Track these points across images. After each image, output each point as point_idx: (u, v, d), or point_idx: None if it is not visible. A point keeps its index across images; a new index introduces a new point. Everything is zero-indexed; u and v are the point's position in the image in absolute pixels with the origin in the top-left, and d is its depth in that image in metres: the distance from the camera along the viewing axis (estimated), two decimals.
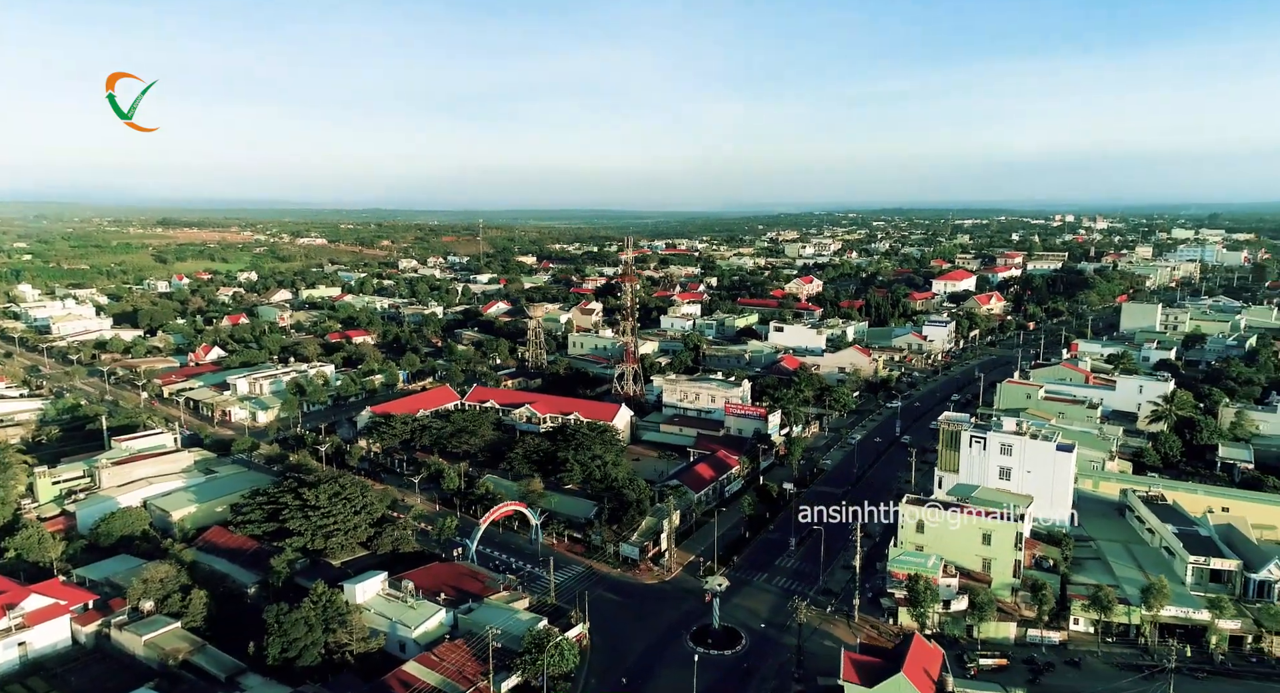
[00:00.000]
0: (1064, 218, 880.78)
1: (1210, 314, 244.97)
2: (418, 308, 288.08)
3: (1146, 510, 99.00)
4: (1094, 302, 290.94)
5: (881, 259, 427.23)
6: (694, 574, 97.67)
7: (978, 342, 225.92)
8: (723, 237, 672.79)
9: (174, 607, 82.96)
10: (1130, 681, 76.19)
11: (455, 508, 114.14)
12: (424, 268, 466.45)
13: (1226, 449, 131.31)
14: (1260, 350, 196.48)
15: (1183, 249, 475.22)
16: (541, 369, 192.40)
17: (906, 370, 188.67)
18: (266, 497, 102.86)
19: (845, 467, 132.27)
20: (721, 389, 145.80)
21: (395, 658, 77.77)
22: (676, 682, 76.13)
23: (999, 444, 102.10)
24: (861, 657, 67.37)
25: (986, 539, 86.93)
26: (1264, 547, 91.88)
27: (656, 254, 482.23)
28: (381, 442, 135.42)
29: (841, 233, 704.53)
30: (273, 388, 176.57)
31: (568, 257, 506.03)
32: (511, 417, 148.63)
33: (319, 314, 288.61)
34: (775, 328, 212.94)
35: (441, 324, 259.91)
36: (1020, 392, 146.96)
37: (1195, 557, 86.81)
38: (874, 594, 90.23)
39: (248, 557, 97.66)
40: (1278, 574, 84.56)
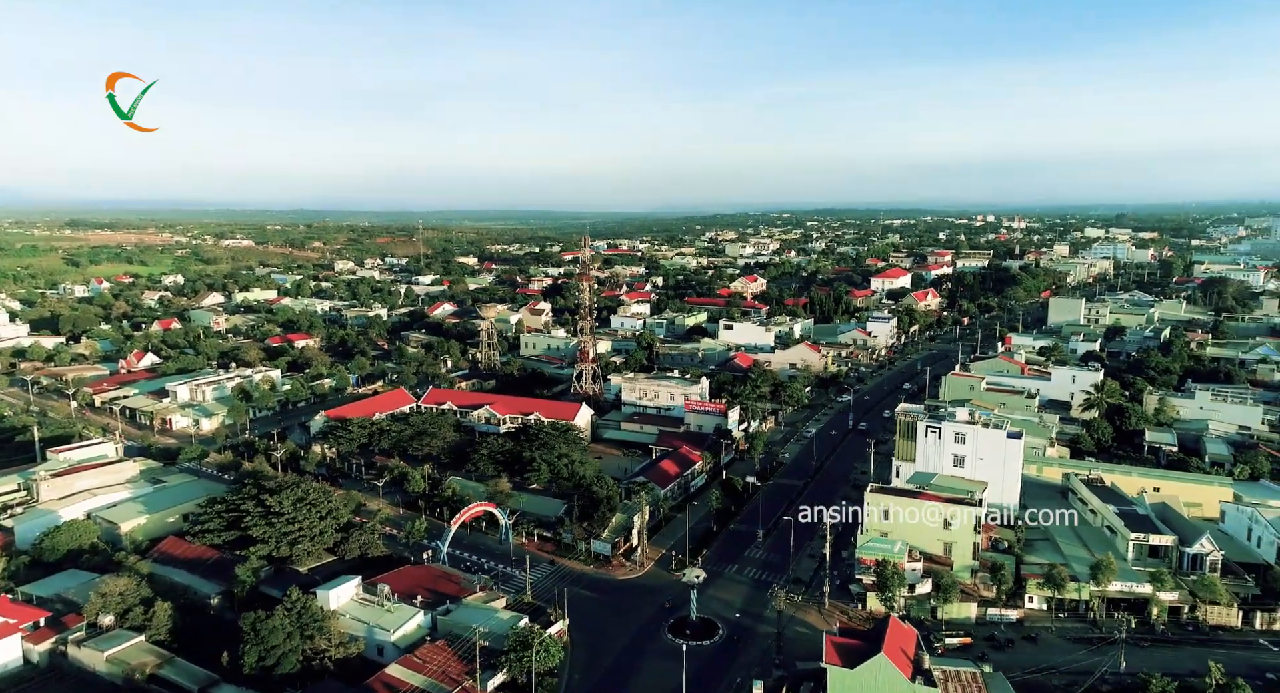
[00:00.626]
0: (985, 218, 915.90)
1: (1127, 308, 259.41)
2: (361, 310, 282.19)
3: (1088, 492, 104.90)
4: (1021, 297, 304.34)
5: (820, 258, 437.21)
6: (666, 569, 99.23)
7: (917, 337, 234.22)
8: (662, 237, 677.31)
9: (136, 620, 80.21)
10: (1084, 652, 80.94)
11: (420, 511, 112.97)
12: (362, 270, 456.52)
13: (1153, 434, 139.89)
14: (1174, 341, 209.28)
15: (1097, 247, 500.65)
16: (495, 370, 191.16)
17: (854, 365, 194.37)
18: (225, 505, 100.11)
19: (804, 459, 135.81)
20: (681, 386, 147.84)
21: (374, 663, 76.91)
22: (659, 672, 77.55)
23: (953, 433, 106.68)
24: (842, 640, 69.80)
25: (947, 524, 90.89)
26: (1195, 523, 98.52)
27: (600, 254, 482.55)
28: (338, 446, 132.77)
29: (778, 233, 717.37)
30: (216, 394, 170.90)
31: (509, 258, 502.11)
32: (470, 418, 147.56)
33: (256, 318, 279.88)
34: (725, 326, 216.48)
35: (387, 326, 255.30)
36: (964, 383, 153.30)
37: (1136, 534, 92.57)
38: (842, 581, 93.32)
39: (209, 567, 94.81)
40: (1209, 548, 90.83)
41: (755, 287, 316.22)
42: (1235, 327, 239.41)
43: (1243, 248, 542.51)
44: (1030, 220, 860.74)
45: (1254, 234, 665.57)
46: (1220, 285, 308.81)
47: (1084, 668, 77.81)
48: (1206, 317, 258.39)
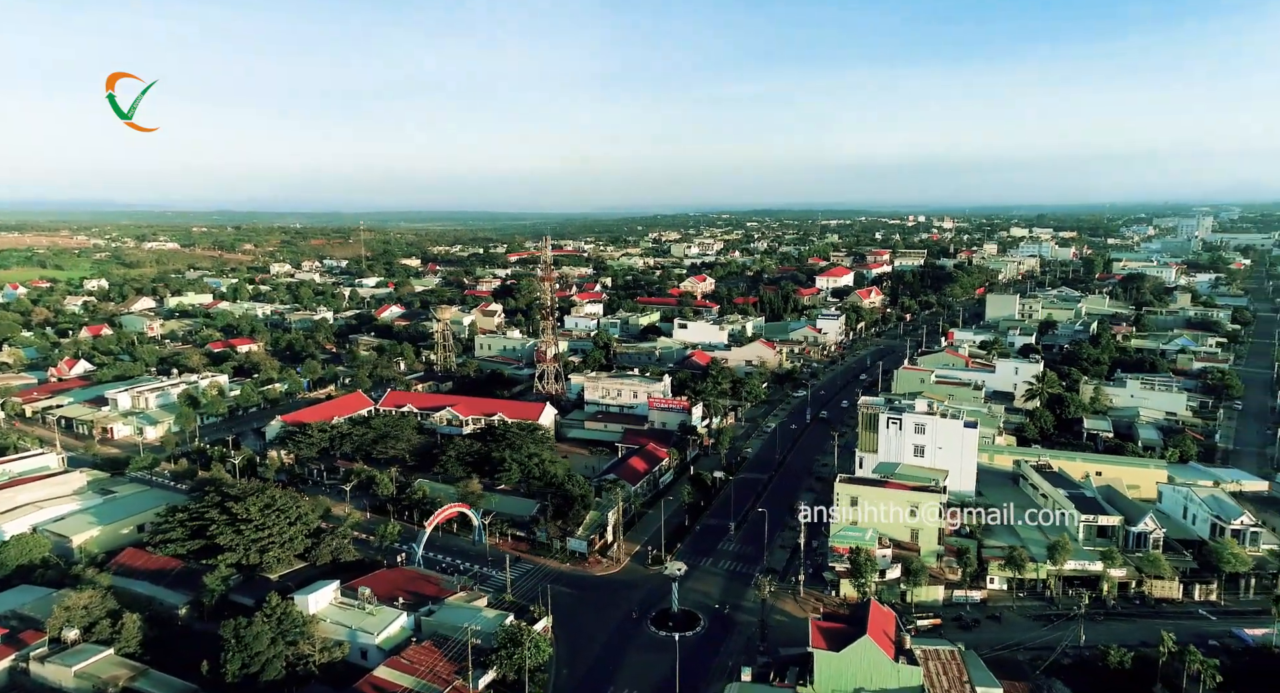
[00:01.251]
0: (916, 218, 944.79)
1: (1057, 303, 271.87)
2: (306, 314, 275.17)
3: (1039, 478, 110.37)
4: (957, 294, 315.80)
5: (764, 258, 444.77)
6: (643, 564, 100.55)
7: (864, 333, 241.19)
8: (606, 238, 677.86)
9: (103, 634, 77.57)
10: (1045, 629, 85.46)
11: (389, 515, 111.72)
12: (300, 273, 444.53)
13: (1090, 421, 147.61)
14: (1102, 334, 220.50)
15: (1023, 246, 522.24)
16: (451, 372, 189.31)
17: (806, 361, 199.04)
18: (187, 514, 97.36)
19: (766, 453, 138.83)
20: (644, 384, 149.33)
21: (357, 667, 76.23)
22: (645, 664, 78.91)
23: (914, 424, 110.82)
24: (827, 624, 72.27)
25: (914, 511, 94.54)
26: (1138, 504, 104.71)
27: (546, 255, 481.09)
28: (298, 452, 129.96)
29: (720, 234, 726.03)
30: (160, 401, 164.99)
31: (454, 259, 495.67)
32: (432, 420, 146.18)
33: (194, 322, 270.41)
34: (679, 325, 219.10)
35: (334, 330, 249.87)
36: (914, 377, 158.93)
37: (1086, 515, 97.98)
38: (815, 570, 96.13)
39: (174, 577, 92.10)
40: (1152, 527, 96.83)
41: (704, 286, 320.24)
42: (1155, 320, 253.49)
43: (1154, 246, 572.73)
44: (958, 220, 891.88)
45: (1161, 233, 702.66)
46: (1138, 281, 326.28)
47: (1046, 644, 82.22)
48: (1128, 311, 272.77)
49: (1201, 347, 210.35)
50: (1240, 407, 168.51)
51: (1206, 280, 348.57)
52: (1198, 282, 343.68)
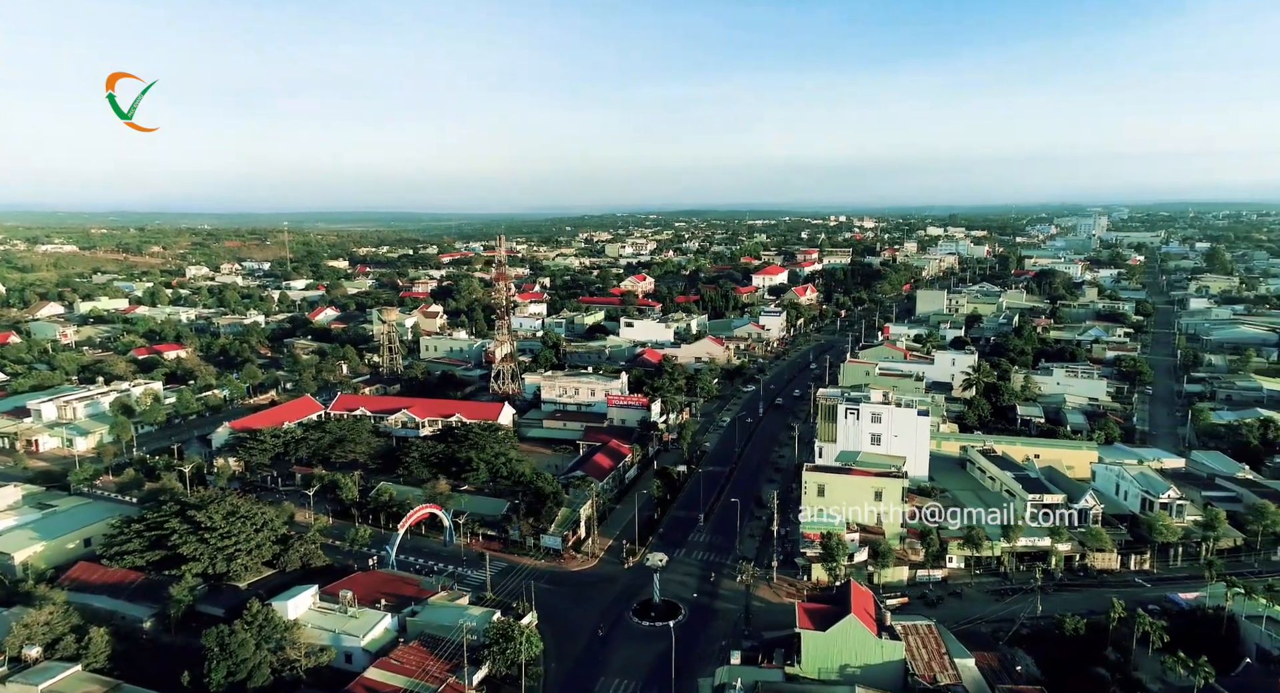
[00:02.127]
0: (838, 219, 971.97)
1: (980, 298, 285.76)
2: (235, 318, 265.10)
3: (986, 461, 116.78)
4: (886, 290, 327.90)
5: (698, 257, 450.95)
6: (617, 557, 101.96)
7: (804, 329, 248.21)
8: (538, 238, 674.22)
9: (67, 650, 74.29)
10: (1002, 603, 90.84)
11: (354, 519, 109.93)
12: (220, 275, 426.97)
13: (1023, 408, 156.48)
14: (1024, 326, 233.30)
15: (942, 244, 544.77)
16: (398, 375, 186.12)
17: (752, 357, 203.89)
18: (145, 524, 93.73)
19: (724, 447, 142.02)
20: (601, 382, 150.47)
21: (343, 671, 75.30)
22: (631, 654, 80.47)
23: (870, 414, 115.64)
24: (812, 605, 75.23)
25: (878, 496, 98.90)
26: (1077, 483, 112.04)
27: (479, 255, 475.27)
28: (249, 458, 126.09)
29: (650, 234, 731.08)
30: (89, 411, 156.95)
31: (384, 260, 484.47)
32: (387, 423, 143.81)
33: (111, 329, 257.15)
34: (626, 324, 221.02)
35: (267, 333, 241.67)
36: (859, 369, 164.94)
37: (1033, 495, 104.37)
38: (786, 556, 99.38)
39: (134, 590, 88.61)
40: (1092, 503, 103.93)
41: (644, 285, 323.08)
42: (1068, 312, 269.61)
43: (1059, 244, 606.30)
44: (877, 220, 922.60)
45: (1063, 232, 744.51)
46: (1050, 277, 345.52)
47: (1006, 616, 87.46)
48: (1044, 304, 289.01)
49: (1112, 337, 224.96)
50: (1151, 392, 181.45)
51: (1109, 275, 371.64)
52: (1101, 277, 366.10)
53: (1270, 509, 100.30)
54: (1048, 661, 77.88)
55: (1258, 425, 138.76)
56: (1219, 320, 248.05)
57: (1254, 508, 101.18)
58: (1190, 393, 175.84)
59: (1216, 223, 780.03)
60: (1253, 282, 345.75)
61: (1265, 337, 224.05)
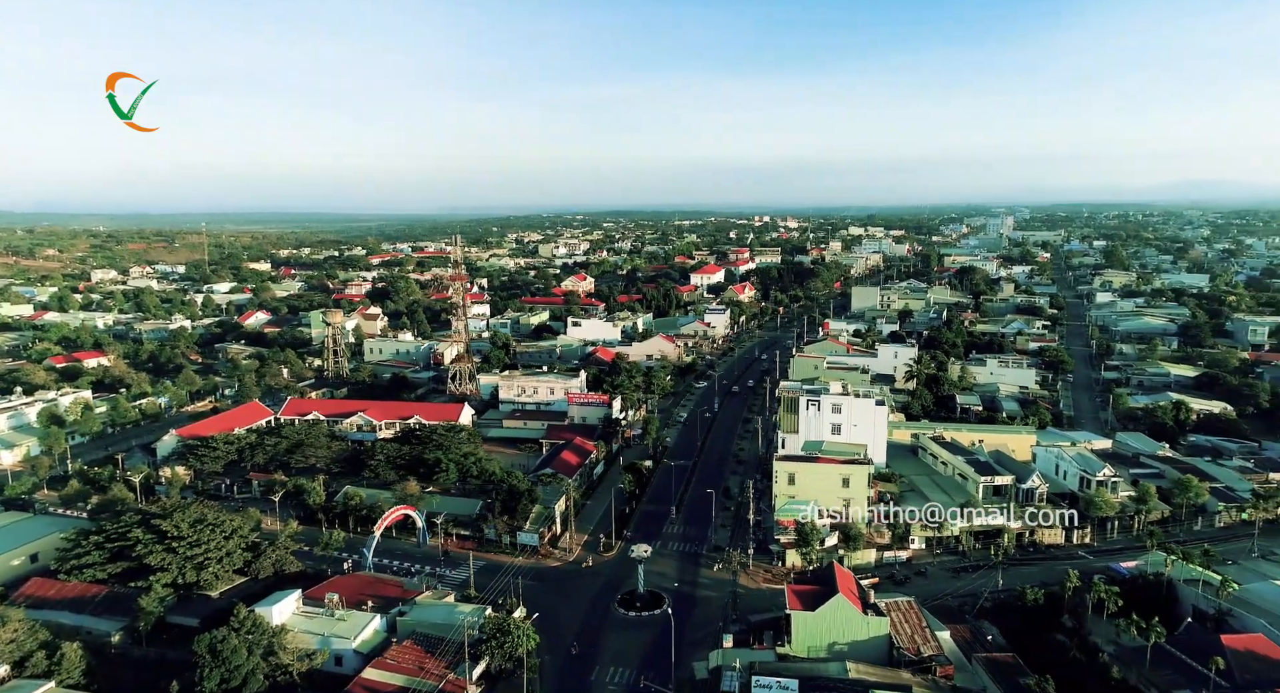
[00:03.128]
0: (763, 219, 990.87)
1: (909, 294, 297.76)
2: (159, 323, 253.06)
3: (938, 448, 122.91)
4: (820, 288, 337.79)
5: (633, 257, 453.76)
6: (595, 551, 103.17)
7: (746, 326, 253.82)
8: (466, 239, 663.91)
9: (38, 667, 71.10)
10: (965, 579, 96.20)
11: (320, 524, 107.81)
12: (132, 279, 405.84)
13: (962, 397, 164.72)
14: (952, 320, 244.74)
15: (866, 243, 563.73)
16: (345, 378, 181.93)
17: (700, 354, 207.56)
18: (105, 535, 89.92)
19: (684, 441, 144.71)
20: (560, 381, 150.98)
21: (334, 674, 74.40)
22: (622, 643, 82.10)
23: (831, 404, 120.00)
24: (800, 587, 78.35)
25: (846, 483, 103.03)
26: (1022, 464, 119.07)
27: (410, 257, 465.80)
28: (201, 466, 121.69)
29: (580, 234, 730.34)
30: (12, 423, 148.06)
31: (309, 263, 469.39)
32: (342, 427, 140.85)
33: (20, 336, 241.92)
34: (573, 323, 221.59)
35: (195, 339, 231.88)
36: (808, 364, 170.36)
37: (984, 477, 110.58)
38: (759, 544, 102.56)
39: (98, 604, 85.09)
40: (1038, 483, 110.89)
41: (585, 285, 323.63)
42: (990, 307, 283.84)
43: (973, 242, 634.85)
44: (800, 220, 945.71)
45: (973, 231, 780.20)
46: (970, 274, 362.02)
47: (969, 591, 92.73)
48: (967, 300, 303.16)
49: (1032, 329, 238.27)
50: (1072, 379, 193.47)
51: (1023, 272, 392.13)
52: (1015, 273, 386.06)
53: (1193, 483, 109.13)
54: (1010, 630, 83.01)
55: (1170, 408, 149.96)
56: (1124, 312, 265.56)
57: (1179, 483, 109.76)
58: (1107, 380, 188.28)
59: (1108, 223, 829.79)
60: (1148, 276, 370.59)
61: (1166, 327, 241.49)
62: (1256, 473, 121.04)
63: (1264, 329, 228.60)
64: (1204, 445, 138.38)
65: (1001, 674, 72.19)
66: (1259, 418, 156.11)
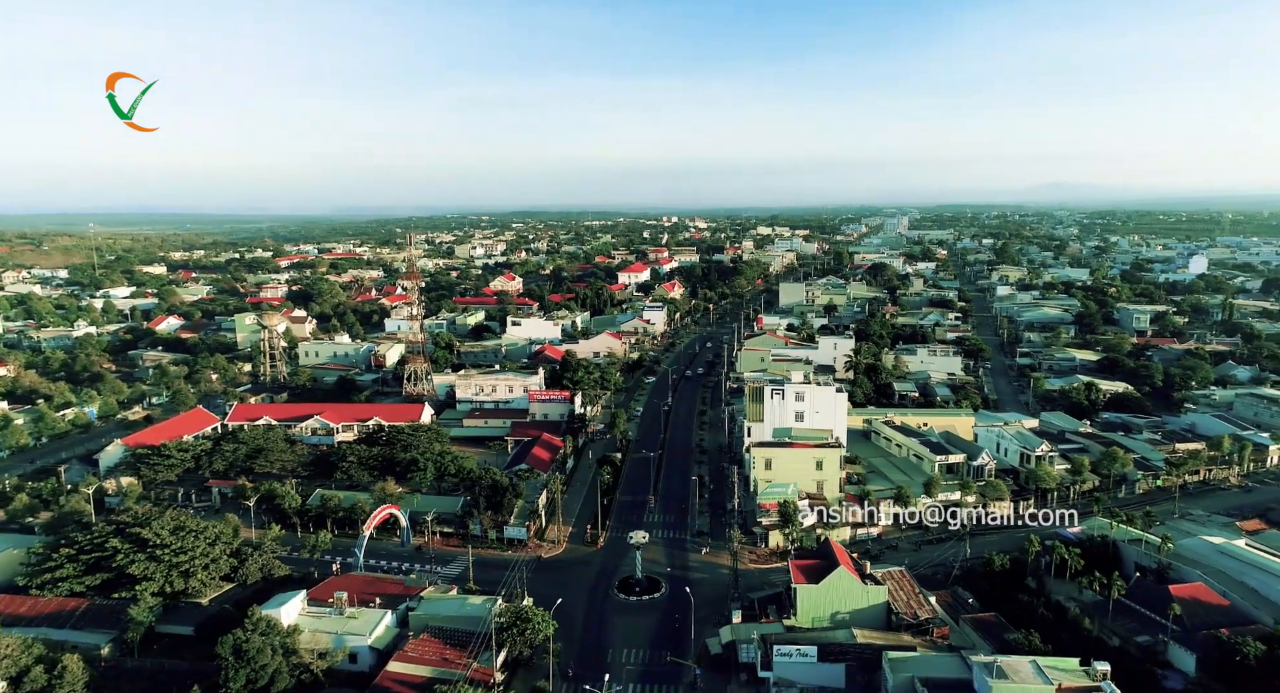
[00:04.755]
0: (671, 219, 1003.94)
1: (831, 289, 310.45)
2: (60, 330, 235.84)
3: (891, 431, 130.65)
4: (743, 285, 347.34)
5: (555, 257, 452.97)
6: (581, 542, 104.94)
7: (681, 322, 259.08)
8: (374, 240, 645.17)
9: (38, 682, 67.61)
10: (932, 551, 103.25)
11: (295, 528, 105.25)
12: (8, 284, 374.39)
13: (899, 385, 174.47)
14: (874, 314, 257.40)
15: (779, 242, 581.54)
16: (282, 382, 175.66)
17: (643, 351, 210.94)
18: (78, 548, 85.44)
19: (645, 434, 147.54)
20: (518, 379, 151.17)
21: (350, 671, 74.03)
22: (630, 626, 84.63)
23: (794, 393, 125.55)
24: (802, 562, 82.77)
25: (819, 466, 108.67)
26: (970, 444, 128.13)
27: (322, 259, 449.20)
28: (154, 475, 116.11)
29: (492, 235, 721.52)
30: None
31: (211, 265, 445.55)
32: (295, 431, 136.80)
33: None
34: (513, 323, 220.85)
35: (104, 346, 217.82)
36: (755, 356, 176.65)
37: (939, 456, 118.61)
38: (742, 527, 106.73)
39: (79, 617, 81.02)
40: (988, 461, 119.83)
41: (514, 285, 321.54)
42: (907, 300, 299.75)
43: (876, 240, 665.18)
44: (708, 220, 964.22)
45: (872, 231, 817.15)
46: (882, 270, 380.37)
47: (939, 562, 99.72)
48: (883, 294, 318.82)
49: (947, 321, 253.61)
50: (990, 366, 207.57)
51: (929, 268, 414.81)
52: (921, 269, 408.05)
53: (1120, 455, 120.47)
54: (980, 594, 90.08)
55: (1083, 389, 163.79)
56: (1025, 304, 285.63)
57: (1108, 455, 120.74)
58: (1021, 365, 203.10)
59: (990, 222, 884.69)
60: (1037, 271, 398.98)
61: (1063, 317, 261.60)
62: (1164, 444, 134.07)
63: (1146, 317, 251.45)
64: (1115, 422, 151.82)
65: (987, 633, 78.83)
66: (1155, 396, 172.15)
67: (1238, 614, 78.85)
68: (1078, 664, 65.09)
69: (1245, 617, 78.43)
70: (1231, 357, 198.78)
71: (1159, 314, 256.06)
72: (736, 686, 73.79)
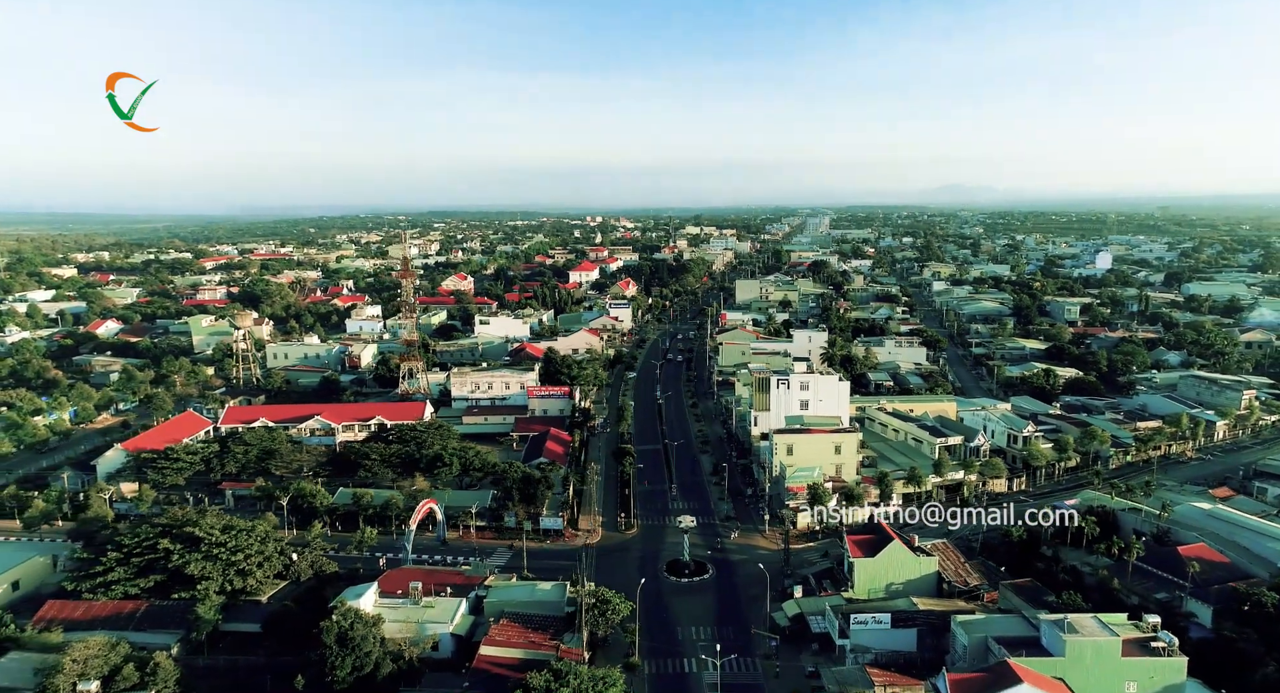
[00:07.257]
0: (595, 219, 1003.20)
1: (782, 286, 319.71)
2: None
3: (887, 417, 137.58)
4: (691, 283, 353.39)
5: (499, 257, 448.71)
6: (615, 530, 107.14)
7: (644, 319, 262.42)
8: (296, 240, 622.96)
9: (130, 680, 66.08)
10: (944, 527, 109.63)
11: (326, 526, 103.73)
12: None
13: (874, 374, 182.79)
14: (827, 309, 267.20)
15: (715, 241, 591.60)
16: (257, 385, 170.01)
17: (616, 347, 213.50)
18: (126, 551, 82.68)
19: (643, 426, 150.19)
20: (515, 376, 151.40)
21: (433, 659, 74.59)
22: (688, 604, 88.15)
23: (799, 383, 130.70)
24: (857, 537, 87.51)
25: (837, 450, 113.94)
26: (963, 426, 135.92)
27: (248, 259, 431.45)
28: (163, 480, 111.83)
29: (416, 234, 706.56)
30: None
31: (128, 267, 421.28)
32: (294, 431, 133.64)
33: None
34: (481, 322, 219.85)
35: (43, 352, 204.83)
36: (736, 350, 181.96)
37: (939, 439, 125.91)
38: (769, 511, 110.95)
39: (140, 619, 78.79)
40: (983, 441, 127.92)
41: (466, 285, 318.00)
42: (855, 295, 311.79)
43: (804, 239, 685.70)
44: (633, 220, 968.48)
45: (794, 230, 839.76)
46: (823, 267, 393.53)
47: (960, 536, 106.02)
48: (829, 291, 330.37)
49: (896, 315, 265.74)
50: (947, 355, 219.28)
51: (864, 265, 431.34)
52: (859, 266, 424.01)
53: (1099, 433, 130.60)
54: (999, 564, 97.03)
55: (1042, 374, 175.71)
56: (964, 298, 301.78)
57: (1087, 433, 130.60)
58: (976, 355, 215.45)
59: (902, 222, 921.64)
60: (964, 268, 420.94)
61: (1001, 309, 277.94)
62: (1127, 423, 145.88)
63: (1075, 308, 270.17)
64: (1076, 404, 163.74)
65: (1027, 597, 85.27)
66: (1101, 380, 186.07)
67: (1237, 570, 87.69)
68: (1126, 619, 71.71)
69: (1244, 572, 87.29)
70: (1162, 343, 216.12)
71: (1086, 306, 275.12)
72: (809, 654, 77.84)
